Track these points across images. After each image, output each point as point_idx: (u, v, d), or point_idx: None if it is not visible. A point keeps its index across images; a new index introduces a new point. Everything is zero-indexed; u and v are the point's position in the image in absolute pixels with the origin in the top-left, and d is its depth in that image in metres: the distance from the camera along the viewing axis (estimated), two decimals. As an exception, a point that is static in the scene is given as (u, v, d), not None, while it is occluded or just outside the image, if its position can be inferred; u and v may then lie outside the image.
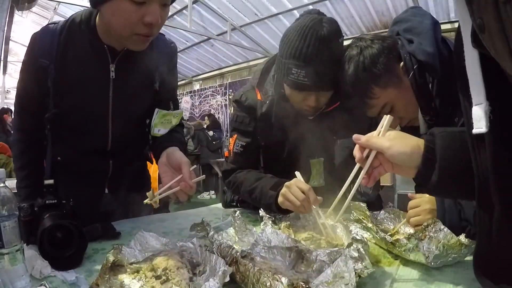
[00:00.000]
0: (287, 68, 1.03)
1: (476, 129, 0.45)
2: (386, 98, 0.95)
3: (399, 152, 0.64)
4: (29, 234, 0.81)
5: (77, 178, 1.17)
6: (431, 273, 0.72)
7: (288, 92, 1.10)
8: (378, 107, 0.97)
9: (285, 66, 1.03)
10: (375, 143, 0.67)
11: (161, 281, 0.66)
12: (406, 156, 0.64)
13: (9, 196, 0.64)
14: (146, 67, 1.09)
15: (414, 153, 0.63)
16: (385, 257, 0.81)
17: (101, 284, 0.63)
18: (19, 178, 1.18)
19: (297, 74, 1.00)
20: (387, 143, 0.66)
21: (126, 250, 0.74)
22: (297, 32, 1.01)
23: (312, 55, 0.98)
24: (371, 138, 0.68)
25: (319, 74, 0.99)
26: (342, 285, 0.58)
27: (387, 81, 0.94)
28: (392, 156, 0.65)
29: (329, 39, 0.99)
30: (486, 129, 0.43)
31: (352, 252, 0.65)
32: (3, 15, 2.19)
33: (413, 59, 0.92)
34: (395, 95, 0.95)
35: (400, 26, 1.01)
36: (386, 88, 0.94)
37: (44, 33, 1.05)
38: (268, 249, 0.79)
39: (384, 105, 0.96)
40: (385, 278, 0.71)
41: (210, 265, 0.65)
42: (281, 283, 0.58)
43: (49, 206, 0.85)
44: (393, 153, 0.65)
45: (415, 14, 1.01)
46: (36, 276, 0.70)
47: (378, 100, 0.96)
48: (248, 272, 0.63)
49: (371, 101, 0.96)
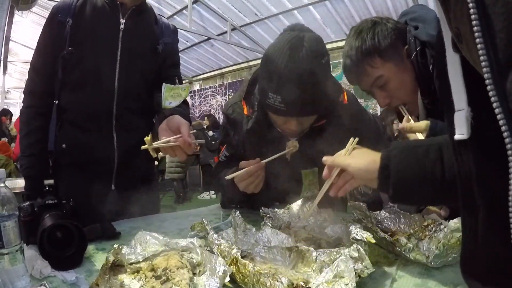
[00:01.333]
0: (263, 91, 0.96)
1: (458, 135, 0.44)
2: (383, 70, 1.01)
3: (357, 168, 0.74)
4: (29, 234, 0.81)
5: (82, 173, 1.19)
6: (431, 273, 0.72)
7: (270, 114, 1.04)
8: (373, 77, 1.02)
9: (262, 88, 0.97)
10: (338, 162, 0.78)
11: (161, 281, 0.66)
12: (362, 171, 0.73)
13: (9, 196, 0.64)
14: (151, 28, 1.25)
15: (369, 167, 0.72)
16: (385, 257, 0.81)
17: (101, 284, 0.63)
18: (23, 147, 1.22)
19: (273, 99, 0.93)
20: (347, 161, 0.76)
21: (126, 250, 0.74)
22: (274, 52, 0.93)
23: (288, 79, 0.90)
24: (336, 158, 0.79)
25: (296, 100, 0.91)
26: (342, 285, 0.58)
27: (390, 56, 1.00)
28: (352, 172, 0.75)
29: (308, 61, 0.90)
30: (468, 135, 0.43)
31: (352, 252, 0.65)
32: (3, 15, 2.20)
33: (417, 41, 0.98)
34: (392, 71, 1.01)
35: (407, 16, 1.07)
36: (386, 61, 1.00)
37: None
38: (268, 249, 0.79)
39: (379, 76, 1.01)
40: (385, 278, 0.71)
41: (210, 265, 0.65)
42: (281, 283, 0.58)
43: (49, 206, 0.85)
44: (352, 169, 0.74)
45: (421, 8, 1.09)
46: (36, 276, 0.70)
47: (375, 70, 1.01)
48: (248, 272, 0.63)
49: (369, 69, 1.01)
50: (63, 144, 1.20)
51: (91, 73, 1.16)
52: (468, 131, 0.43)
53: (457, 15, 0.37)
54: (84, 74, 1.16)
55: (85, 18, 1.15)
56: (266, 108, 1.01)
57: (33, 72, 1.22)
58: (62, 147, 1.20)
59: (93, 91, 1.17)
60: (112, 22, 1.17)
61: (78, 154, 1.20)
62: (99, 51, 1.16)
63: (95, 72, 1.16)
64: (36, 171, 1.20)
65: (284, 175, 1.12)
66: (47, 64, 1.18)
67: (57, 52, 1.15)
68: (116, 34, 1.17)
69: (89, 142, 1.19)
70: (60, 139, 1.20)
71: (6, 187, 0.64)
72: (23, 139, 1.23)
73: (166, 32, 1.29)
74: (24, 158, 1.21)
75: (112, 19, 1.17)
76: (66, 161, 1.21)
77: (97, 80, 1.16)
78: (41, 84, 1.21)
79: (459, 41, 0.39)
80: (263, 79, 0.98)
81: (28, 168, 1.20)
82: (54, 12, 1.17)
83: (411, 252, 0.74)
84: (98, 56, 1.16)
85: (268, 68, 0.95)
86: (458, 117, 0.44)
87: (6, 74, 7.65)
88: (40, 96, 1.21)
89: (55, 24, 1.15)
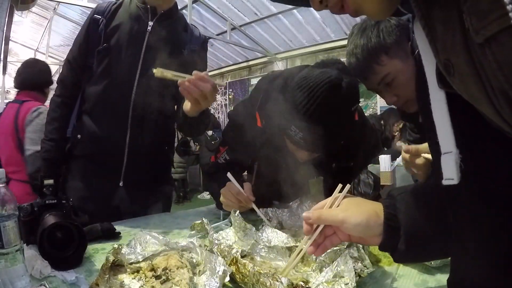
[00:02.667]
0: (286, 120, 0.93)
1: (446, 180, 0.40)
2: (390, 67, 0.99)
3: (354, 225, 0.57)
4: (29, 234, 0.81)
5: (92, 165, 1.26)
6: (431, 273, 0.72)
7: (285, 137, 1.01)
8: (381, 75, 1.01)
9: (285, 117, 0.93)
10: (327, 218, 0.60)
11: (161, 281, 0.66)
12: (361, 227, 0.57)
13: (9, 196, 0.64)
14: (178, 33, 1.32)
15: (370, 221, 0.57)
16: (385, 257, 0.81)
17: (101, 284, 0.63)
18: (47, 131, 1.33)
19: (295, 133, 0.91)
20: (340, 216, 0.58)
21: (126, 250, 0.74)
22: (308, 89, 0.88)
23: (315, 123, 0.88)
24: (322, 214, 0.60)
25: (317, 142, 0.90)
26: (342, 285, 0.58)
27: (396, 52, 0.99)
28: (348, 230, 0.58)
29: (340, 109, 0.90)
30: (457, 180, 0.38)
31: (352, 252, 0.65)
32: (3, 15, 2.19)
33: None
34: (399, 68, 0.99)
35: None
36: (393, 58, 0.99)
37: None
38: (268, 249, 0.79)
39: (387, 74, 1.00)
40: (385, 278, 0.71)
41: (210, 265, 0.65)
42: (281, 283, 0.58)
43: (49, 206, 0.85)
44: (348, 226, 0.57)
45: None
46: (36, 276, 0.70)
47: (383, 68, 1.00)
48: (248, 272, 0.63)
49: (376, 67, 1.00)
50: (78, 135, 1.28)
51: (115, 68, 1.24)
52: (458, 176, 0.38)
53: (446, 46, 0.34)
54: (110, 68, 1.24)
55: (118, 19, 1.27)
56: (285, 135, 0.98)
57: (67, 65, 1.33)
58: (77, 137, 1.28)
59: (114, 85, 1.24)
60: (141, 24, 1.26)
61: (90, 146, 1.26)
62: (125, 49, 1.24)
63: (119, 67, 1.24)
64: (53, 156, 1.31)
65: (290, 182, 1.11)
66: (79, 58, 1.29)
67: (90, 48, 1.26)
68: (142, 34, 1.25)
69: (103, 135, 1.24)
70: (76, 130, 1.29)
71: (6, 187, 0.64)
72: (47, 124, 1.34)
73: (194, 40, 1.36)
74: (45, 141, 1.32)
75: (141, 21, 1.27)
76: (78, 151, 1.28)
77: (119, 76, 1.24)
78: (72, 76, 1.31)
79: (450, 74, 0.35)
80: (288, 108, 0.92)
81: (47, 152, 1.30)
82: (93, 11, 1.29)
83: (411, 252, 0.74)
84: (124, 53, 1.24)
85: (298, 100, 0.89)
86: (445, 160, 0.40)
87: (6, 74, 7.64)
88: (69, 86, 1.32)
89: (91, 23, 1.28)
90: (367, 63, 1.00)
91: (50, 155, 1.31)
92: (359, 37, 1.01)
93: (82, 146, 1.27)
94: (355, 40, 1.03)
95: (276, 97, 1.06)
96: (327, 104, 0.87)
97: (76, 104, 1.31)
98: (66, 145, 1.31)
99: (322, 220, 0.60)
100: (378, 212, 0.57)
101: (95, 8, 1.31)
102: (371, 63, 1.00)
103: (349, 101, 0.92)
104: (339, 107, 0.89)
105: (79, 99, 1.30)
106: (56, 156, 1.31)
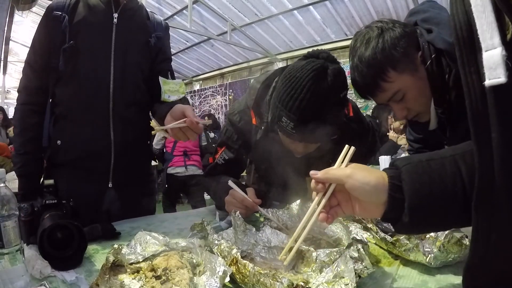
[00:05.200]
0: (278, 113, 0.95)
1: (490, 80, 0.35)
2: (400, 84, 0.91)
3: (362, 182, 0.55)
4: (29, 234, 0.81)
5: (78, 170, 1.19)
6: (431, 273, 0.72)
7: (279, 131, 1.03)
8: (390, 92, 0.93)
9: (277, 110, 0.95)
10: (334, 174, 0.59)
11: (161, 281, 0.66)
12: (369, 187, 0.54)
13: (9, 196, 0.64)
14: (143, 23, 1.29)
15: (379, 184, 0.54)
16: (385, 257, 0.81)
17: (101, 284, 0.63)
18: (18, 145, 1.21)
19: (286, 124, 0.93)
20: (348, 171, 0.57)
21: (126, 250, 0.74)
22: (295, 79, 0.91)
23: (305, 110, 0.89)
24: (330, 170, 0.60)
25: (308, 130, 0.92)
26: (342, 285, 0.58)
27: (405, 66, 0.90)
28: (354, 187, 0.56)
29: (328, 96, 0.90)
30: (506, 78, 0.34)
31: (352, 252, 0.65)
32: (3, 15, 2.20)
33: (431, 47, 0.89)
34: (409, 83, 0.91)
35: (418, 16, 0.97)
36: (402, 73, 0.90)
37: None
38: (268, 249, 0.79)
39: (397, 91, 0.92)
40: (385, 278, 0.71)
41: (210, 265, 0.65)
42: (281, 283, 0.58)
43: (49, 206, 0.85)
44: (354, 182, 0.56)
45: (432, 7, 0.99)
46: (36, 276, 0.70)
47: (392, 85, 0.92)
48: (248, 272, 0.63)
49: (385, 85, 0.92)
50: (58, 141, 1.19)
51: (86, 66, 1.17)
52: (506, 73, 0.34)
53: None
54: (80, 67, 1.17)
55: (80, 13, 1.18)
56: (277, 128, 1.00)
57: (28, 69, 1.22)
58: (57, 144, 1.19)
59: (89, 84, 1.18)
60: (105, 17, 1.20)
61: (74, 150, 1.18)
62: (93, 44, 1.18)
63: (90, 65, 1.18)
64: (31, 170, 1.20)
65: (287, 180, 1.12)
66: (42, 60, 1.19)
67: (53, 47, 1.16)
68: (109, 27, 1.20)
69: (86, 137, 1.18)
70: (55, 136, 1.19)
71: (6, 187, 0.64)
72: (17, 137, 1.22)
73: (158, 28, 1.32)
74: (18, 156, 1.19)
75: (105, 13, 1.20)
76: (61, 158, 1.19)
77: (92, 73, 1.18)
78: (36, 80, 1.21)
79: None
80: (279, 101, 0.94)
81: (23, 166, 1.19)
82: (49, 9, 1.19)
83: (411, 252, 0.74)
84: (93, 49, 1.18)
85: (286, 92, 0.92)
86: (489, 58, 0.36)
87: (6, 74, 7.65)
88: (35, 93, 1.21)
89: (50, 20, 1.17)
90: (374, 81, 0.92)
91: (27, 169, 1.20)
92: (363, 50, 0.92)
93: (64, 152, 1.19)
94: (359, 53, 0.93)
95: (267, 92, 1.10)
96: (314, 91, 0.88)
97: (47, 109, 1.20)
98: (42, 156, 1.21)
99: (329, 175, 0.59)
100: (385, 177, 0.56)
101: (51, 5, 1.20)
102: (378, 81, 0.91)
103: (336, 87, 0.92)
104: (326, 93, 0.89)
105: (49, 104, 1.20)
106: (34, 170, 1.21)
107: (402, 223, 0.54)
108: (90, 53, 1.18)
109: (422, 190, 0.53)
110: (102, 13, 1.20)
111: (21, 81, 1.24)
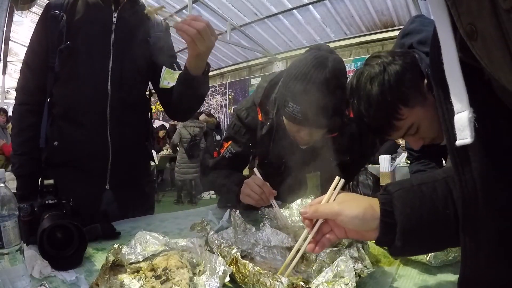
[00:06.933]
0: (284, 100, 1.02)
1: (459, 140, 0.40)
2: (413, 118, 0.87)
3: (351, 217, 0.58)
4: (29, 234, 0.81)
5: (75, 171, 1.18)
6: (431, 273, 0.72)
7: (284, 121, 1.09)
8: (404, 129, 0.89)
9: (284, 97, 1.03)
10: (323, 211, 0.62)
11: (161, 281, 0.66)
12: (358, 220, 0.58)
13: (9, 196, 0.64)
14: (143, 22, 1.25)
15: (367, 214, 0.58)
16: (385, 257, 0.81)
17: (101, 284, 0.63)
18: (15, 145, 1.21)
19: (292, 108, 1.00)
20: (336, 208, 0.60)
21: (126, 250, 0.74)
22: (300, 68, 1.00)
23: (310, 95, 0.96)
24: (319, 208, 0.62)
25: (313, 113, 0.98)
26: (342, 285, 0.58)
27: (415, 99, 0.85)
28: (344, 222, 0.59)
29: (330, 81, 0.96)
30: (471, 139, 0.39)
31: (352, 252, 0.65)
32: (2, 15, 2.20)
33: None
34: (421, 114, 0.87)
35: (412, 38, 0.95)
36: (413, 107, 0.86)
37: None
38: (268, 249, 0.79)
39: (411, 125, 0.88)
40: (385, 278, 0.71)
41: (210, 265, 0.65)
42: (281, 283, 0.58)
43: (49, 206, 0.85)
44: (344, 219, 0.59)
45: (423, 24, 0.97)
46: (36, 276, 0.70)
47: (405, 122, 0.87)
48: (248, 272, 0.63)
49: (398, 123, 0.87)
50: (55, 142, 1.18)
51: (84, 66, 1.16)
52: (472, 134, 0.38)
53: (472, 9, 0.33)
54: (78, 67, 1.16)
55: (79, 13, 1.17)
56: (283, 115, 1.07)
57: (26, 68, 1.21)
58: (54, 144, 1.18)
59: (87, 84, 1.16)
60: (105, 16, 1.18)
61: (71, 151, 1.17)
62: (92, 44, 1.17)
63: (88, 65, 1.16)
64: (28, 170, 1.19)
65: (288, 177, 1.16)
66: (40, 59, 1.18)
67: (51, 47, 1.15)
68: (109, 27, 1.18)
69: (83, 137, 1.17)
70: (52, 136, 1.18)
71: (6, 187, 0.64)
72: (15, 137, 1.21)
73: (158, 28, 1.30)
74: (16, 156, 1.19)
75: (105, 12, 1.18)
76: (58, 159, 1.18)
77: (90, 73, 1.16)
78: (34, 80, 1.19)
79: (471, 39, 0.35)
80: (286, 89, 1.02)
81: (20, 167, 1.18)
82: (48, 8, 1.17)
83: (411, 252, 0.74)
84: (92, 49, 1.16)
85: (292, 80, 1.01)
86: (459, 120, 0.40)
87: (6, 74, 7.65)
88: (33, 93, 1.20)
89: (48, 19, 1.15)
90: (387, 122, 0.88)
91: (25, 170, 1.19)
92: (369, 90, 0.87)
93: (61, 153, 1.17)
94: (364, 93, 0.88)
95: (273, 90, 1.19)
96: (318, 74, 0.97)
97: (44, 109, 1.18)
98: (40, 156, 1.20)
99: (318, 213, 0.62)
100: (374, 206, 0.58)
101: (50, 3, 1.18)
102: (391, 121, 0.87)
103: (338, 72, 0.99)
104: (329, 76, 0.97)
105: (46, 104, 1.18)
106: (32, 170, 1.19)
107: (395, 246, 0.56)
108: (89, 53, 1.16)
109: (413, 215, 0.55)
110: (101, 12, 1.18)
111: (19, 80, 1.23)
